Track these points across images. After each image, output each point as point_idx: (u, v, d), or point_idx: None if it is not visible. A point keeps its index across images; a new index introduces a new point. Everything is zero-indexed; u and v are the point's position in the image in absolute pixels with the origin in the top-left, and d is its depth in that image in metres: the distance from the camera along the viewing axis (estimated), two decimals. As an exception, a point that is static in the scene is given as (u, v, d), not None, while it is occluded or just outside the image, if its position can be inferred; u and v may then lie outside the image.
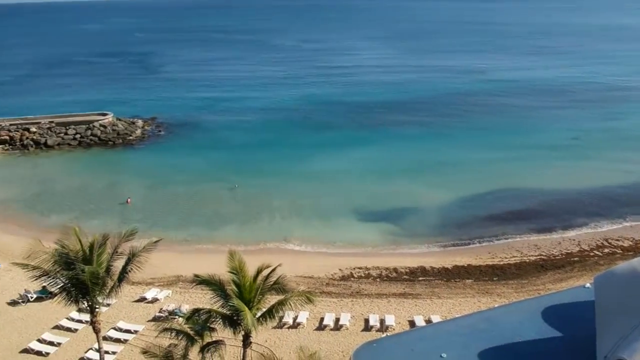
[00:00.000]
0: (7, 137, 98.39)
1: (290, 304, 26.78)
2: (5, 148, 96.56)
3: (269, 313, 26.75)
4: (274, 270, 27.57)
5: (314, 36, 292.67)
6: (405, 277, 49.98)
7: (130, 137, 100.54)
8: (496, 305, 41.71)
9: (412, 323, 41.67)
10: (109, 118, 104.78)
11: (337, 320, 41.81)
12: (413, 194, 69.71)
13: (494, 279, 49.36)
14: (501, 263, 52.40)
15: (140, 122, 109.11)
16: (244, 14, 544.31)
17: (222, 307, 26.41)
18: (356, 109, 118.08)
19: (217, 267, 31.02)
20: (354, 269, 51.50)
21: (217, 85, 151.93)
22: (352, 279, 49.88)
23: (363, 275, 50.53)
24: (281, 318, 39.42)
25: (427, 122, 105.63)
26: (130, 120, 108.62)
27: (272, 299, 28.06)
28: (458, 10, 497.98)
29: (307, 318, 41.85)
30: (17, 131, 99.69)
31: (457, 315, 40.93)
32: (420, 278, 49.69)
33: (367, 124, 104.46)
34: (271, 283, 27.16)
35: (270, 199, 69.27)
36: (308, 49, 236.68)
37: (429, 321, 41.59)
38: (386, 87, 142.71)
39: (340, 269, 51.32)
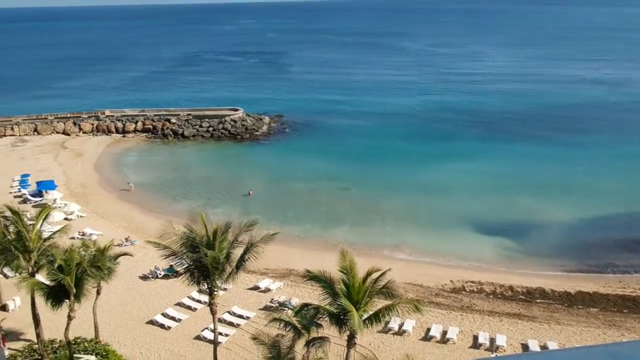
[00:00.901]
0: (151, 126, 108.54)
1: (397, 310, 26.54)
2: (149, 136, 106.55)
3: (376, 317, 26.73)
4: (383, 274, 27.47)
5: (440, 40, 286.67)
6: (521, 297, 47.23)
7: (257, 133, 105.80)
8: (624, 340, 38.08)
9: (525, 347, 39.31)
10: (240, 113, 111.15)
11: (445, 333, 40.67)
12: (536, 212, 65.61)
13: (624, 311, 44.91)
14: (633, 294, 47.50)
15: (267, 119, 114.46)
16: (371, 16, 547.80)
17: (330, 305, 26.87)
18: (480, 118, 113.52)
19: (328, 265, 31.65)
20: (466, 282, 49.72)
21: (341, 87, 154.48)
22: (464, 292, 48.18)
23: (475, 290, 48.60)
24: (387, 323, 39.24)
25: (555, 136, 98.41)
26: (258, 117, 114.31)
27: (379, 303, 28.02)
28: (589, 17, 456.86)
29: (413, 327, 41.20)
30: (160, 121, 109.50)
31: (577, 345, 38.04)
32: (538, 300, 46.63)
33: (491, 136, 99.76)
34: (380, 287, 27.10)
35: (384, 204, 69.06)
36: (433, 54, 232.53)
37: (544, 347, 39.01)
38: (512, 96, 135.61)
39: (451, 281, 49.84)
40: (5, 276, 45.11)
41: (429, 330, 40.99)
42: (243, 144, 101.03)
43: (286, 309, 41.89)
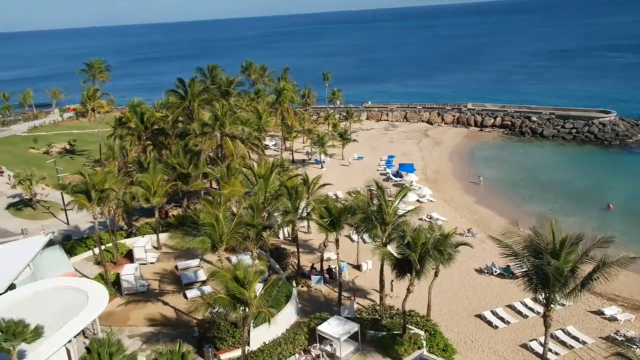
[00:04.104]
0: (510, 123, 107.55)
1: None
2: (506, 132, 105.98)
3: None
4: None
5: None
6: None
7: (630, 140, 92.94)
8: None
9: None
10: (611, 117, 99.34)
11: None
12: None
13: None
14: None
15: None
16: None
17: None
18: None
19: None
20: None
21: None
22: None
23: None
24: None
25: None
26: (634, 122, 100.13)
27: None
28: None
29: None
30: (519, 118, 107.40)
31: None
32: None
33: None
34: None
35: None
36: None
37: None
38: None
39: None
40: (364, 241, 52.36)
41: None
42: (610, 151, 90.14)
43: (635, 346, 36.06)
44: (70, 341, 31.61)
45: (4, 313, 28.25)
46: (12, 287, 37.69)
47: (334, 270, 47.75)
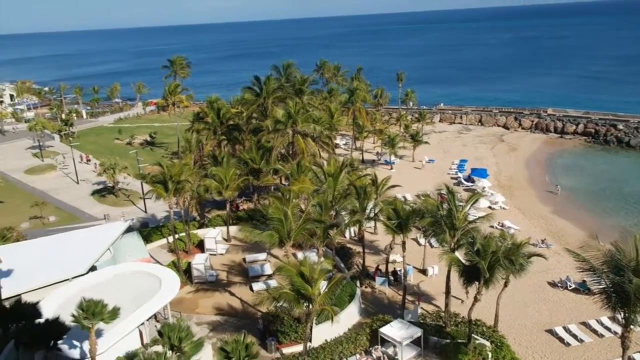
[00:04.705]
0: (593, 130, 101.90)
1: None
2: (588, 140, 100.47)
3: None
4: None
5: None
6: None
7: None
8: None
9: None
10: None
11: None
12: None
13: None
14: None
15: None
16: None
17: None
18: None
19: None
20: None
21: None
22: None
23: None
24: None
25: None
26: None
27: None
28: None
29: None
30: (604, 126, 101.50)
31: None
32: None
33: None
34: None
35: None
36: None
37: None
38: None
39: None
40: (431, 245, 51.42)
41: None
42: None
43: None
44: (143, 323, 33.26)
45: (85, 293, 30.16)
46: (93, 268, 40.17)
47: (399, 273, 47.26)
